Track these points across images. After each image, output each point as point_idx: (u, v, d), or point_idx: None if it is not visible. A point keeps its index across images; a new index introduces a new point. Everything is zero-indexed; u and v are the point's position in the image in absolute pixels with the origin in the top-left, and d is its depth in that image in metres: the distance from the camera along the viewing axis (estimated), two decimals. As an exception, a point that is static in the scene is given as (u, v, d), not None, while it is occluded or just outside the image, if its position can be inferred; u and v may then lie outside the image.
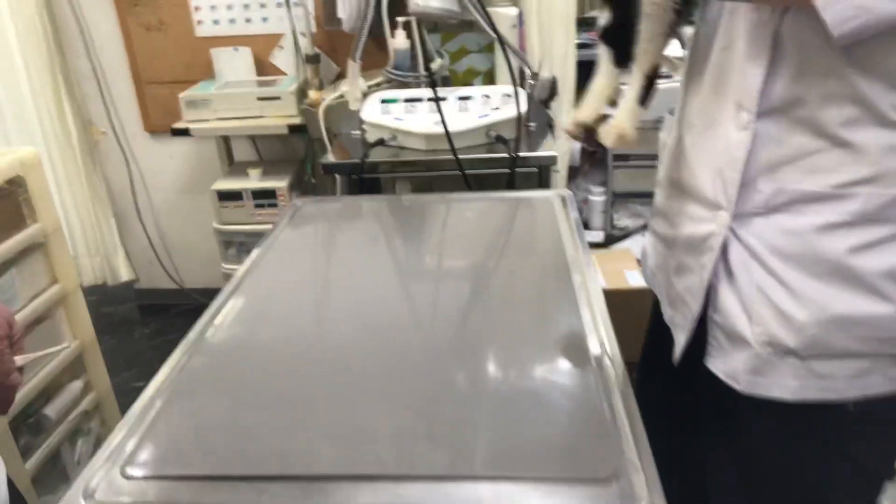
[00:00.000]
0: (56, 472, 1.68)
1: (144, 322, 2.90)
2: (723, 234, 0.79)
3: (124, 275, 2.88)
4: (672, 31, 0.79)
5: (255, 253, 1.10)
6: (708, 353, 0.84)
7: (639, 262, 2.52)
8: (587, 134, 0.88)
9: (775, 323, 0.76)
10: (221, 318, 0.92)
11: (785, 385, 0.77)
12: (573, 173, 3.34)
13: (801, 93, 0.71)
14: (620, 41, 0.84)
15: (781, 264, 0.75)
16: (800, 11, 0.68)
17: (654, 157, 1.20)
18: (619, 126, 0.83)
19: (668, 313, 0.94)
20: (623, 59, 0.85)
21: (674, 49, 0.89)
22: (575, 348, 0.81)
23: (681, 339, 0.89)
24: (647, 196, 3.56)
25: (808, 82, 0.70)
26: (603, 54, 0.87)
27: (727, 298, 0.80)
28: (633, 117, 0.83)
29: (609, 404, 0.70)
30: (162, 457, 0.68)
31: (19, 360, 0.75)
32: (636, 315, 1.29)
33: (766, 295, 0.76)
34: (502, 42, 1.40)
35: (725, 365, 0.82)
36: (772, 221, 0.76)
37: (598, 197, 3.23)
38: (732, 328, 0.80)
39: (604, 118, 0.87)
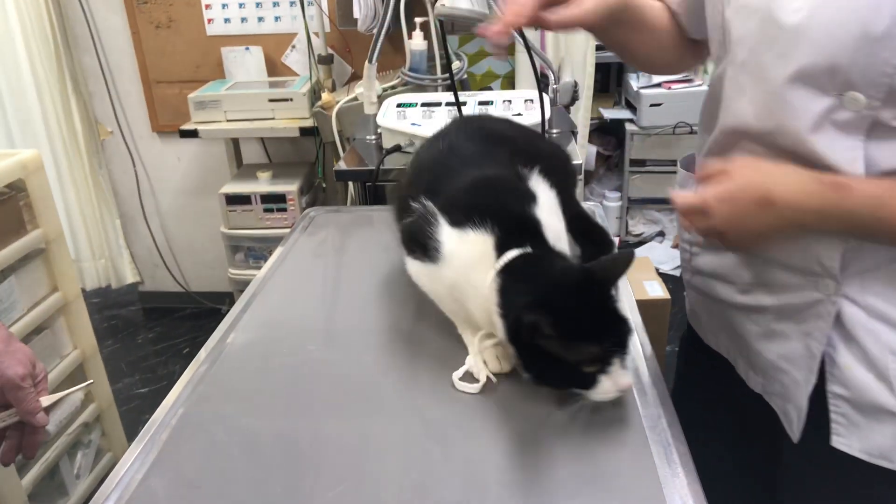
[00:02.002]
0: (54, 486, 1.62)
1: (148, 326, 2.85)
2: (833, 300, 0.70)
3: (129, 277, 2.82)
4: None
5: (266, 266, 1.04)
6: (834, 433, 0.74)
7: (657, 270, 2.46)
8: None
9: None
10: (233, 337, 0.86)
11: None
12: (587, 178, 3.27)
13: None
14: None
15: None
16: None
17: (672, 162, 1.13)
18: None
19: (756, 381, 0.84)
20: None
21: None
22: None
23: (791, 414, 0.78)
24: (663, 203, 3.45)
25: None
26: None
27: (853, 369, 0.71)
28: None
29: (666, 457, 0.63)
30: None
31: (44, 400, 0.69)
32: (656, 326, 1.23)
33: None
34: (528, 47, 1.33)
35: (864, 443, 0.72)
36: (888, 274, 0.68)
37: (613, 203, 3.16)
38: (868, 401, 0.71)
39: None
